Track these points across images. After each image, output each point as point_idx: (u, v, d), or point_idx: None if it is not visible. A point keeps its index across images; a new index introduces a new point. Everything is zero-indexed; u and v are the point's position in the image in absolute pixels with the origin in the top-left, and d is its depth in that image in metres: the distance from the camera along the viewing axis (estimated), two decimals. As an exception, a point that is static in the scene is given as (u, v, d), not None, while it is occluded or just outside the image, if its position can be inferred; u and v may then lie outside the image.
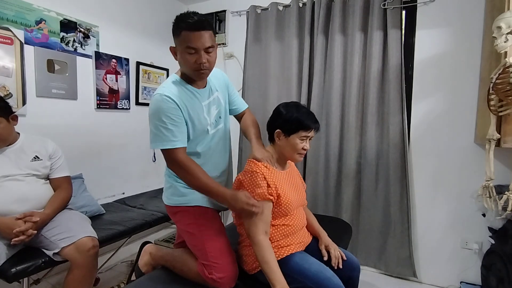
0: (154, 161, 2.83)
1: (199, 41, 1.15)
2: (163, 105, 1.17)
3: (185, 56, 1.17)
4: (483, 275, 1.90)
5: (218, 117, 1.37)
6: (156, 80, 2.80)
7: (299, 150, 1.26)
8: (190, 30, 1.14)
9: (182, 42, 1.17)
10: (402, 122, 2.10)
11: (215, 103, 1.35)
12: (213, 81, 1.37)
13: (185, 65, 1.21)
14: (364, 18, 2.21)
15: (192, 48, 1.16)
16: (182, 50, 1.18)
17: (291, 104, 1.31)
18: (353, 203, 2.31)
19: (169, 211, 1.40)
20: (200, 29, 1.15)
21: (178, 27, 1.17)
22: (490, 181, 1.62)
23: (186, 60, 1.18)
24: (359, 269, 1.36)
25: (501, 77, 1.46)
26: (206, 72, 1.23)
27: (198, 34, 1.15)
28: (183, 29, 1.15)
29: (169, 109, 1.17)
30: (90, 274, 1.47)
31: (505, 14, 1.43)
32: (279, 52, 2.53)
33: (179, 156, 1.19)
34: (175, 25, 1.19)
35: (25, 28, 1.87)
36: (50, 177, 1.65)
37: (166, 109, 1.17)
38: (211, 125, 1.33)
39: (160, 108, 1.17)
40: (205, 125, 1.29)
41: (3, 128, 1.47)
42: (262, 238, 1.15)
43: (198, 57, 1.17)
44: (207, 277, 1.22)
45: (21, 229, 1.36)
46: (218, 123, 1.37)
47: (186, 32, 1.15)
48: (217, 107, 1.36)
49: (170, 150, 1.18)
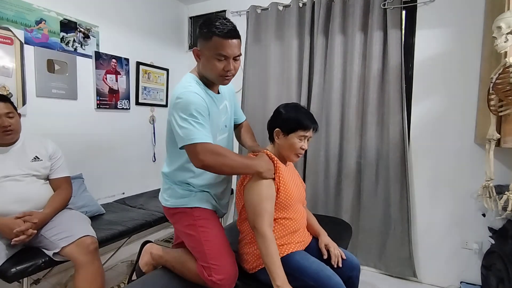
0: (154, 161, 2.83)
1: (231, 49, 1.15)
2: (194, 99, 1.14)
3: (213, 61, 1.16)
4: (483, 275, 1.90)
5: (224, 126, 1.37)
6: (156, 80, 2.80)
7: (297, 150, 1.27)
8: (224, 38, 1.13)
9: (212, 48, 1.15)
10: (402, 122, 2.10)
11: (224, 111, 1.35)
12: (223, 89, 1.37)
13: (211, 70, 1.19)
14: (364, 18, 2.21)
15: (223, 55, 1.15)
16: (210, 55, 1.16)
17: (290, 105, 1.34)
18: (353, 203, 2.32)
19: (167, 213, 1.40)
20: (233, 37, 1.15)
21: (209, 31, 1.14)
22: (490, 181, 1.63)
23: (214, 65, 1.17)
24: (359, 269, 1.36)
25: (501, 77, 1.46)
26: (230, 79, 1.24)
27: (231, 42, 1.15)
28: (216, 35, 1.13)
29: (200, 105, 1.15)
30: (97, 270, 1.45)
31: (505, 14, 1.43)
32: (279, 52, 2.54)
33: (213, 146, 1.15)
34: (205, 28, 1.16)
35: (25, 28, 1.87)
36: (50, 178, 1.65)
37: (197, 105, 1.14)
38: (220, 131, 1.33)
39: (191, 102, 1.13)
40: (215, 130, 1.29)
41: (17, 121, 1.54)
42: (268, 230, 1.16)
43: (227, 64, 1.17)
44: (206, 278, 1.22)
45: (21, 229, 1.36)
46: (223, 131, 1.36)
47: (219, 39, 1.13)
48: (224, 115, 1.36)
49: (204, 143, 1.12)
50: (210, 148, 1.13)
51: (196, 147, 1.12)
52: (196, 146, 1.12)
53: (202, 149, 1.12)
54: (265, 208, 1.18)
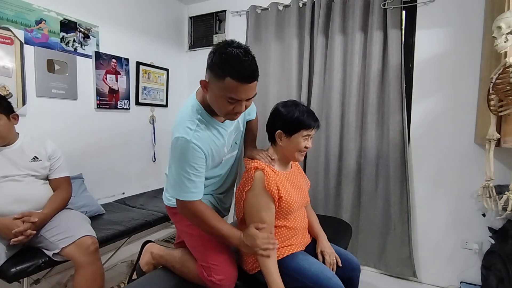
0: (154, 161, 2.83)
1: (246, 93, 1.02)
2: (189, 153, 1.07)
3: (223, 101, 1.03)
4: (483, 275, 1.90)
5: (235, 143, 1.31)
6: (156, 80, 2.80)
7: (301, 149, 1.26)
8: (240, 82, 0.98)
9: (224, 90, 0.99)
10: (402, 122, 2.10)
11: (234, 130, 1.28)
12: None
13: (218, 108, 1.07)
14: (364, 18, 2.21)
15: (236, 100, 1.02)
16: (221, 95, 1.01)
17: (289, 104, 1.29)
18: (353, 203, 2.31)
19: (169, 212, 1.39)
20: (251, 81, 1.00)
21: (223, 70, 0.98)
22: (490, 181, 1.62)
23: (223, 105, 1.04)
24: (359, 269, 1.35)
25: (501, 77, 1.46)
26: (238, 117, 1.14)
27: (247, 86, 1.00)
28: (230, 77, 0.97)
29: (195, 158, 1.08)
30: (97, 270, 1.45)
31: (505, 14, 1.43)
32: (279, 52, 2.53)
33: (196, 208, 1.13)
34: (218, 64, 0.99)
35: (25, 28, 1.87)
36: (49, 178, 1.65)
37: (192, 159, 1.07)
38: (227, 153, 1.28)
39: (185, 157, 1.07)
40: (222, 157, 1.25)
41: (3, 125, 1.47)
42: None
43: (238, 106, 1.04)
44: (206, 279, 1.22)
45: (19, 230, 1.36)
46: (233, 149, 1.32)
47: (233, 82, 0.97)
48: (235, 132, 1.29)
49: (189, 201, 1.12)
50: (195, 209, 1.13)
51: (179, 202, 1.15)
52: (179, 201, 1.14)
53: (183, 207, 1.14)
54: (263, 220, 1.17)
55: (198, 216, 1.14)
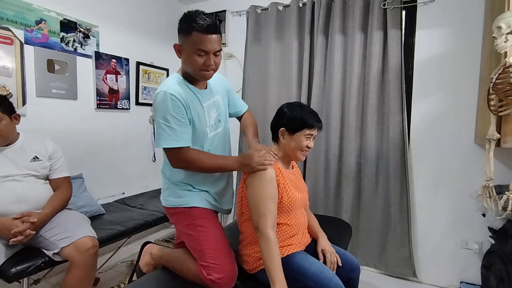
0: (154, 161, 2.83)
1: (211, 44, 1.15)
2: (168, 103, 1.16)
3: (193, 56, 1.17)
4: (483, 275, 1.90)
5: (218, 120, 1.36)
6: (156, 80, 2.80)
7: (303, 148, 1.27)
8: (203, 33, 1.13)
9: (192, 44, 1.15)
10: (402, 122, 2.10)
11: (215, 106, 1.35)
12: (213, 84, 1.37)
13: (191, 65, 1.19)
14: (364, 18, 2.21)
15: (203, 50, 1.15)
16: (191, 51, 1.16)
17: (294, 104, 1.33)
18: (353, 203, 2.31)
19: (167, 213, 1.40)
20: (213, 32, 1.15)
21: (189, 27, 1.15)
22: (490, 181, 1.62)
23: (194, 60, 1.17)
24: (359, 269, 1.36)
25: (501, 77, 1.46)
26: (211, 74, 1.24)
27: (211, 37, 1.14)
28: (195, 30, 1.13)
29: (174, 107, 1.16)
30: (89, 274, 1.47)
31: (505, 14, 1.43)
32: (279, 52, 2.53)
33: (183, 155, 1.20)
34: (184, 23, 1.17)
35: (25, 28, 1.87)
36: (49, 178, 1.65)
37: (171, 107, 1.16)
38: (210, 127, 1.32)
39: (165, 106, 1.16)
40: (204, 126, 1.28)
41: (5, 125, 1.48)
42: (271, 232, 1.15)
43: (207, 59, 1.17)
44: (205, 278, 1.22)
45: (19, 230, 1.36)
46: (217, 126, 1.36)
47: (198, 34, 1.13)
48: (216, 110, 1.35)
49: (174, 149, 1.18)
50: (183, 157, 1.20)
51: (166, 151, 1.22)
52: (165, 150, 1.22)
53: (172, 156, 1.22)
54: (268, 209, 1.17)
55: (190, 161, 1.21)
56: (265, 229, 1.14)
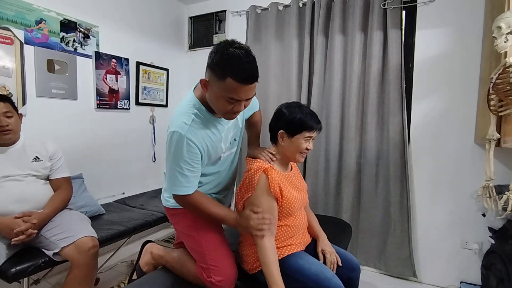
0: (154, 161, 2.83)
1: (245, 94, 1.03)
2: (183, 149, 1.08)
3: (222, 101, 1.04)
4: (483, 275, 1.90)
5: (233, 140, 1.31)
6: (156, 80, 2.80)
7: (302, 150, 1.26)
8: (241, 83, 0.99)
9: (225, 90, 1.00)
10: (402, 122, 2.10)
11: (234, 126, 1.29)
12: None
13: (218, 107, 1.08)
14: (364, 18, 2.21)
15: (236, 100, 1.03)
16: (221, 95, 1.02)
17: (293, 105, 1.30)
18: (353, 203, 2.31)
19: (168, 213, 1.39)
20: (252, 82, 1.01)
21: (224, 70, 0.98)
22: (490, 181, 1.63)
23: (223, 105, 1.05)
24: (359, 269, 1.35)
25: (501, 77, 1.46)
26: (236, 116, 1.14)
27: (248, 87, 1.01)
28: (231, 77, 0.98)
29: (189, 153, 1.09)
30: (90, 274, 1.47)
31: (505, 14, 1.43)
32: (279, 52, 2.53)
33: (190, 200, 1.17)
34: (219, 64, 1.00)
35: (25, 28, 1.87)
36: (50, 178, 1.65)
37: (186, 153, 1.09)
38: (226, 149, 1.28)
39: (180, 152, 1.08)
40: (220, 153, 1.24)
41: (16, 121, 1.52)
42: (267, 240, 1.15)
43: (238, 106, 1.05)
44: (205, 280, 1.22)
45: (21, 229, 1.36)
46: (232, 145, 1.32)
47: (234, 83, 0.98)
48: (233, 129, 1.29)
49: (182, 195, 1.16)
50: (190, 202, 1.18)
51: (176, 196, 1.19)
52: (176, 196, 1.19)
53: (180, 200, 1.20)
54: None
55: (194, 206, 1.19)
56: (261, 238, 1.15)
